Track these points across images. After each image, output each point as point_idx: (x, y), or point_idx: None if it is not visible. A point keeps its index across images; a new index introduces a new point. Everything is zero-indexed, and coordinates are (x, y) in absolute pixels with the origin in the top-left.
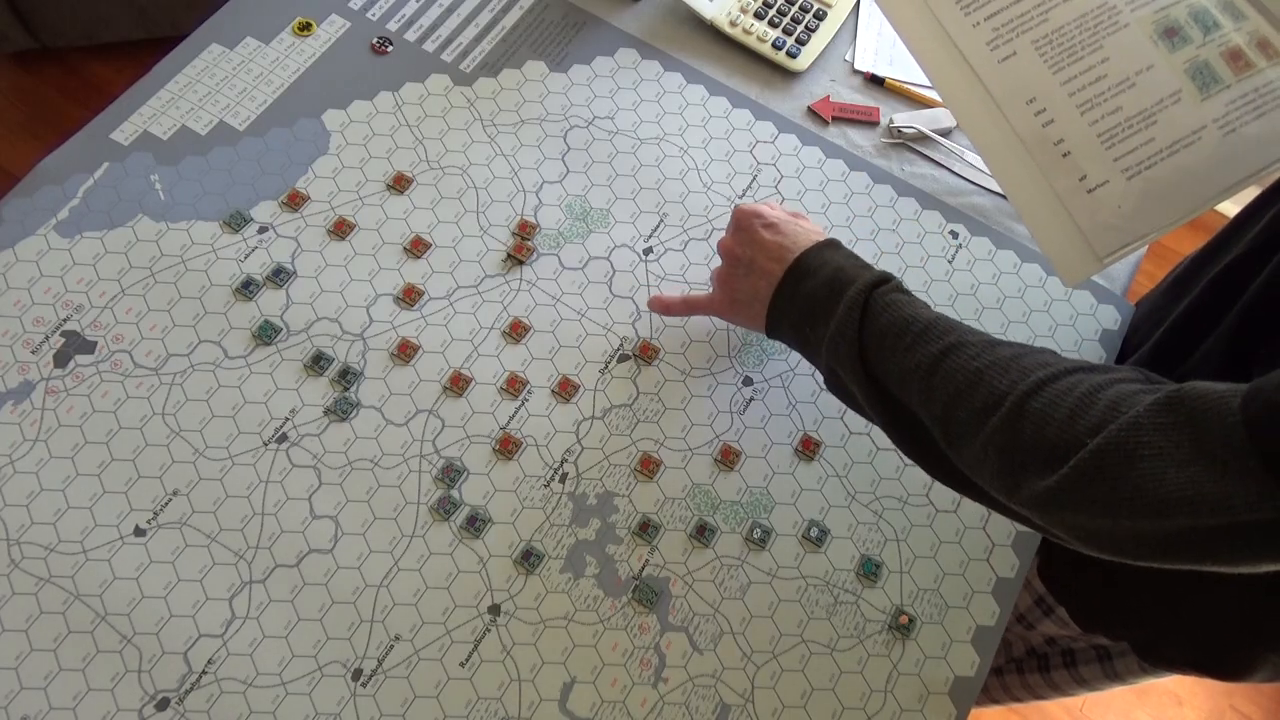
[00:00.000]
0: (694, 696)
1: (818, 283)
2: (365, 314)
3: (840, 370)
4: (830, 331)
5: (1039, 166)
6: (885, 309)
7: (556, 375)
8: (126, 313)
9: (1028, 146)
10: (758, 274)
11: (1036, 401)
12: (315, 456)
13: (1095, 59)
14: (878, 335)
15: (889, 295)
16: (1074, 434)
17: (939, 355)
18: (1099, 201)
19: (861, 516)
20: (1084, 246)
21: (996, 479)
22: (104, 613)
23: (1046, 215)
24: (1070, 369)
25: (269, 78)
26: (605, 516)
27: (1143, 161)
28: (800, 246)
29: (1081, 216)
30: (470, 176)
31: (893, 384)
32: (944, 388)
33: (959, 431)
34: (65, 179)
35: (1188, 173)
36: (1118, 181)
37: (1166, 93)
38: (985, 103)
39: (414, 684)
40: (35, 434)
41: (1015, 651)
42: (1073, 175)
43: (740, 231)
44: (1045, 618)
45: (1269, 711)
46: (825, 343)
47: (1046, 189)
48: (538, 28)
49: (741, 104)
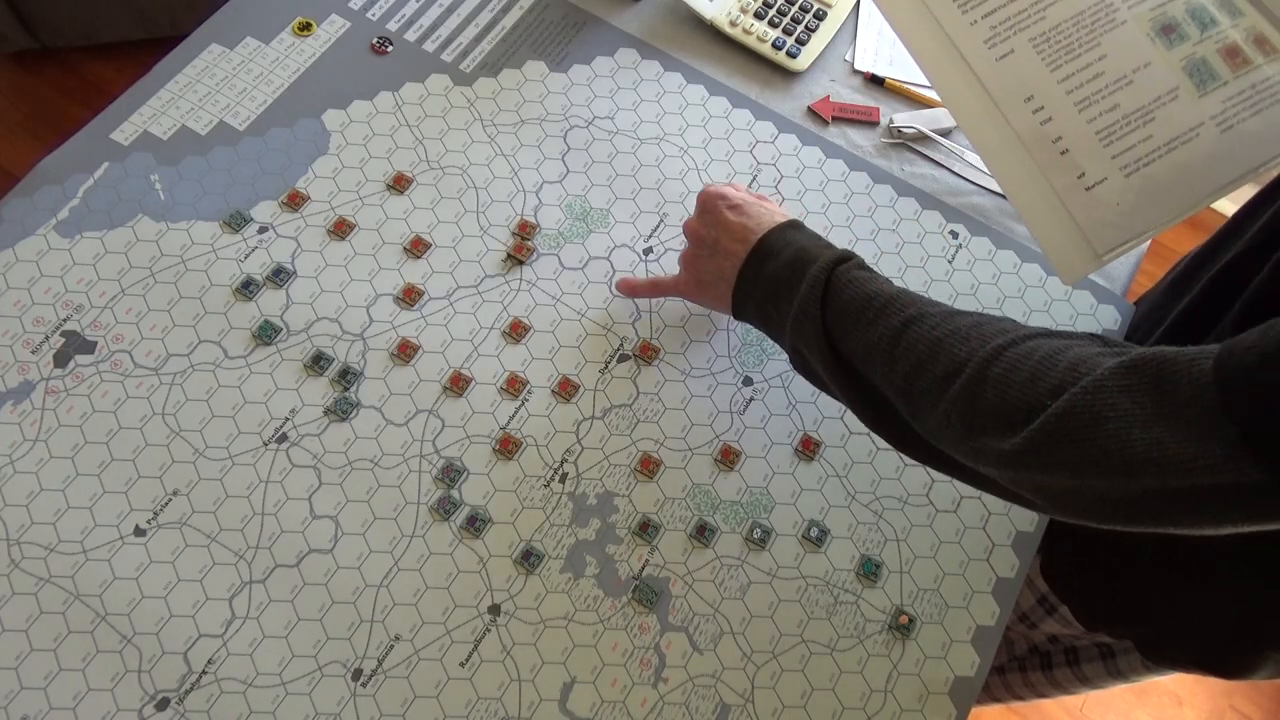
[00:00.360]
0: (694, 696)
1: (781, 263)
2: (365, 314)
3: (804, 349)
4: (794, 310)
5: (1037, 164)
6: (847, 285)
7: (556, 375)
8: (126, 313)
9: (1026, 145)
10: (722, 255)
11: (997, 367)
12: (315, 456)
13: (1093, 56)
14: (840, 311)
15: (851, 272)
16: (1035, 396)
17: (900, 327)
18: (1097, 199)
19: (861, 516)
20: (1083, 244)
21: (960, 443)
22: (104, 613)
23: (1045, 213)
24: (1030, 334)
25: (269, 78)
26: (605, 516)
27: (1141, 159)
28: (764, 227)
29: (1080, 214)
30: (470, 176)
31: (857, 359)
32: (905, 358)
33: (921, 401)
34: (65, 179)
35: (1186, 169)
36: (1116, 179)
37: (1164, 90)
38: (983, 101)
39: (414, 684)
40: (35, 434)
41: (1018, 650)
42: (1071, 173)
43: (705, 213)
44: (1048, 616)
45: (1269, 712)
46: (789, 321)
47: (1045, 187)
48: (538, 28)
49: (741, 104)
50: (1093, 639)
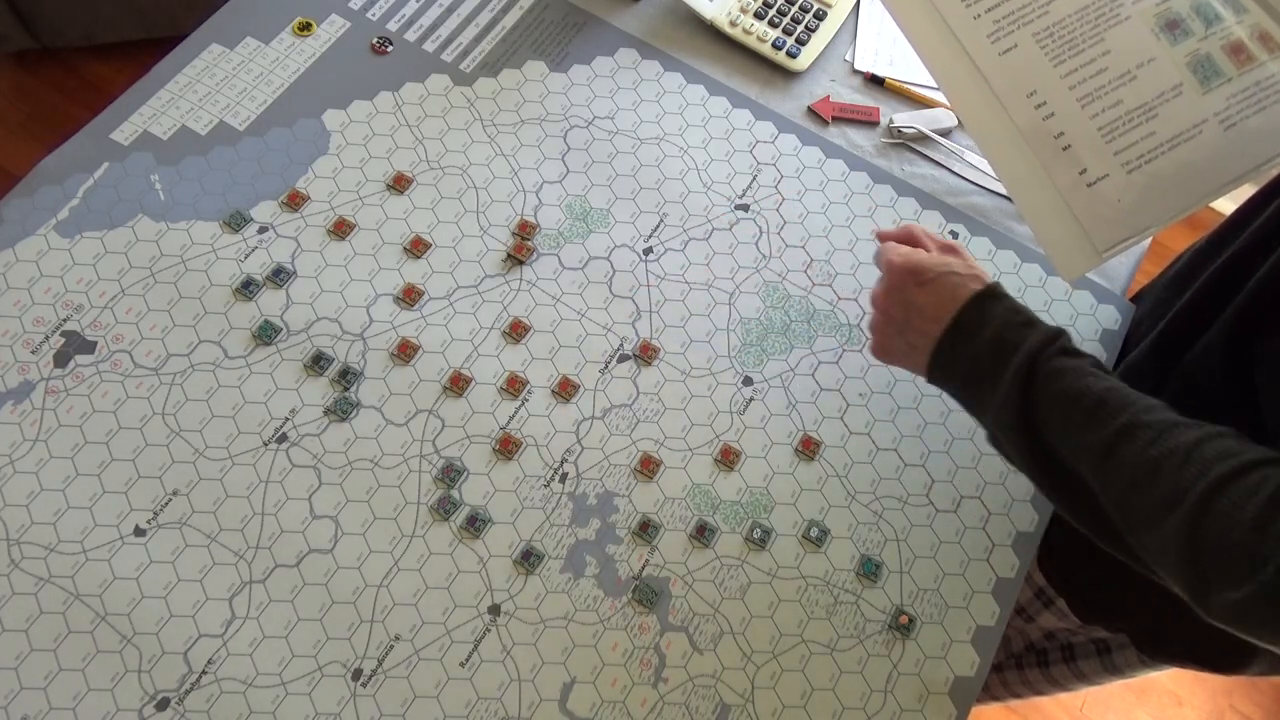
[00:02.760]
0: (694, 696)
1: (978, 347)
2: (365, 314)
3: (1006, 442)
4: (995, 403)
5: (1039, 160)
6: (1051, 379)
7: (556, 375)
8: (126, 313)
9: (1028, 139)
10: (914, 333)
11: (1219, 502)
12: (315, 456)
13: (1096, 52)
14: (1045, 408)
15: (1054, 362)
16: (1261, 545)
17: (1112, 439)
18: (1099, 195)
19: (861, 516)
20: (1084, 241)
21: (1183, 582)
22: (104, 613)
23: (1046, 209)
24: (1255, 462)
25: (269, 78)
26: (605, 516)
27: (1143, 155)
28: (958, 302)
29: (1081, 211)
30: (470, 176)
31: (1064, 456)
32: (1119, 475)
33: (1139, 521)
34: (65, 179)
35: (1188, 167)
36: (1118, 175)
37: (1168, 86)
38: (985, 96)
39: (414, 684)
40: (35, 434)
41: (1014, 647)
42: (1073, 169)
43: (893, 291)
44: (1045, 609)
45: (1269, 711)
46: (990, 412)
47: (1046, 183)
48: (538, 28)
49: (741, 104)
50: (1089, 635)
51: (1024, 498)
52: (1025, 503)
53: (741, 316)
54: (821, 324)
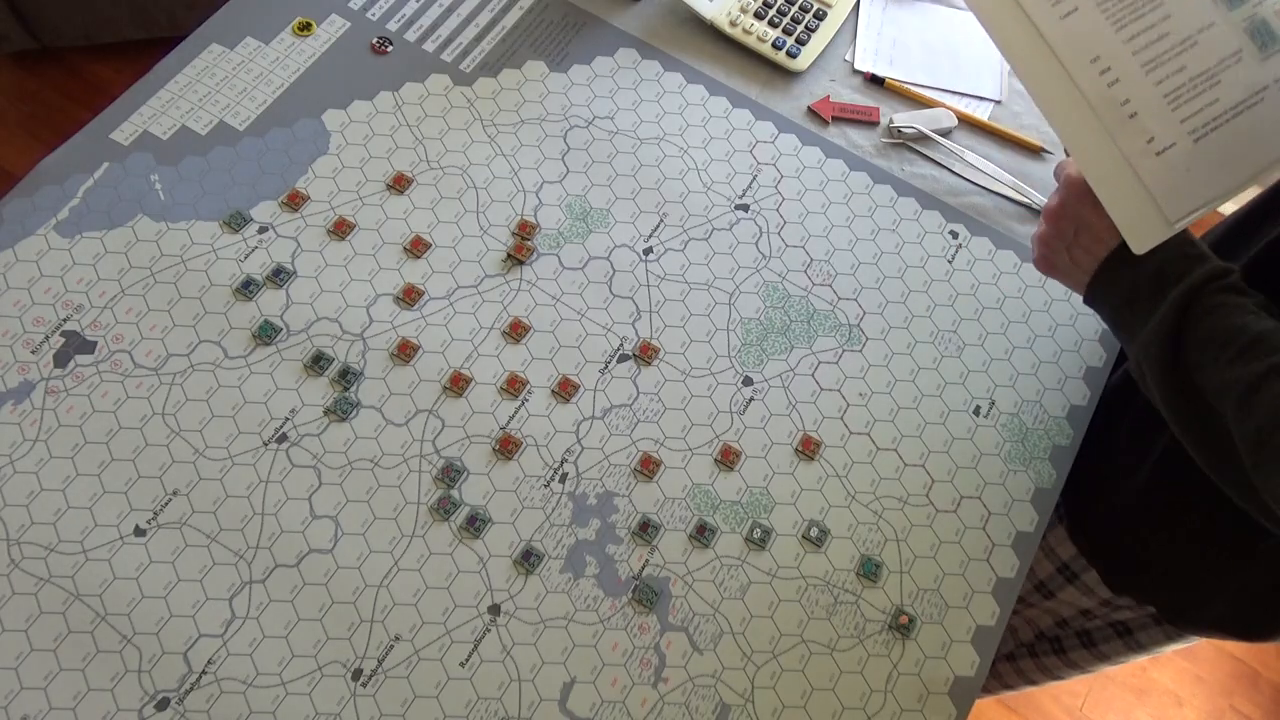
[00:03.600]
0: (694, 696)
1: (1141, 273)
2: (365, 314)
3: (1149, 370)
4: (1147, 330)
5: (1106, 129)
6: (1209, 313)
7: (556, 375)
8: (126, 313)
9: (1094, 108)
10: (1080, 251)
11: None
12: (315, 456)
13: (1157, 16)
14: (1196, 340)
15: (1216, 297)
16: None
17: (1262, 376)
18: (1168, 164)
19: (861, 516)
20: (1154, 211)
21: None
22: (104, 613)
23: (1116, 179)
24: None
25: (269, 78)
26: (605, 516)
27: (1209, 123)
28: None
29: (1150, 180)
30: (470, 176)
31: (1206, 388)
32: (1262, 413)
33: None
34: (65, 179)
35: (1254, 133)
36: (1185, 143)
37: (1228, 52)
38: (1049, 63)
39: (414, 684)
40: (35, 434)
41: (1023, 636)
42: (1140, 137)
43: (1067, 205)
44: (1068, 584)
45: (1269, 711)
46: (1139, 340)
47: (1114, 152)
48: (538, 28)
49: (741, 104)
50: (1107, 619)
51: (1024, 498)
52: (1025, 503)
53: (741, 316)
54: (821, 324)
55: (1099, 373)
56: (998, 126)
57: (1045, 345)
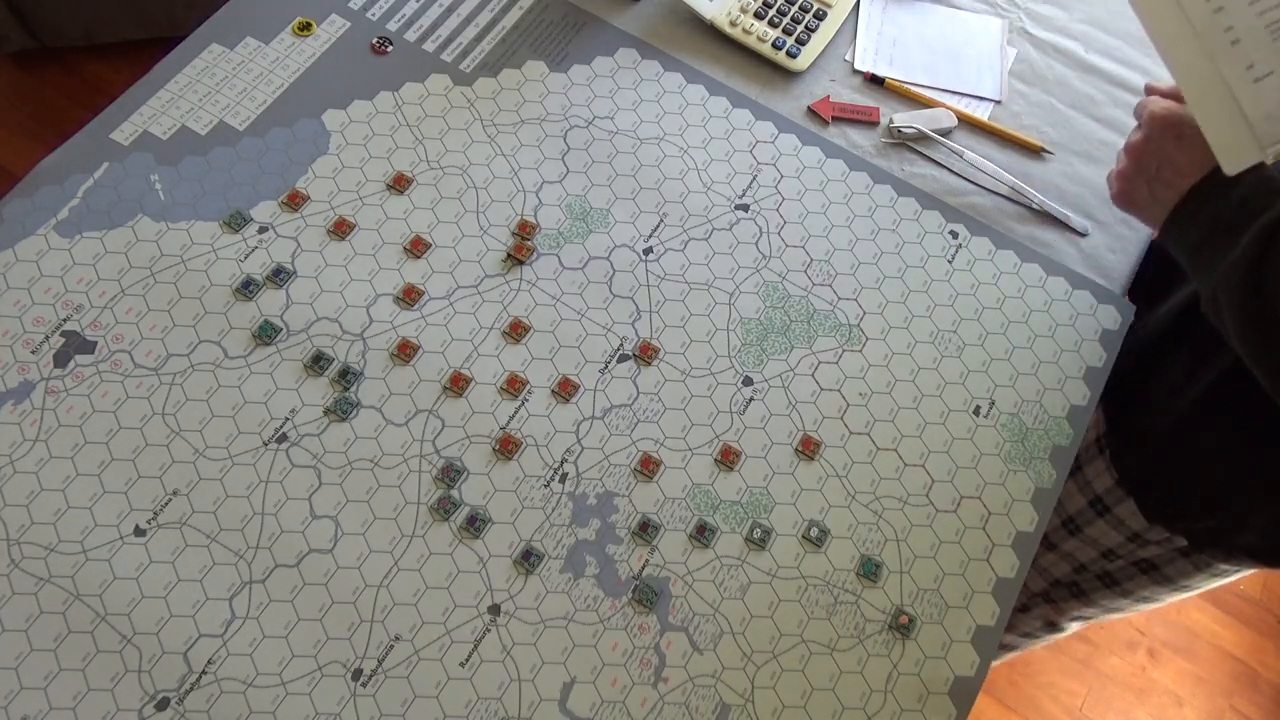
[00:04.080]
0: (694, 696)
1: (1221, 206)
2: (365, 314)
3: (1225, 302)
4: (1227, 261)
5: (1209, 53)
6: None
7: (556, 375)
8: (126, 313)
9: (1199, 32)
10: (1161, 185)
11: None
12: (315, 456)
13: None
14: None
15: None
16: None
17: None
18: (1266, 91)
19: (861, 516)
20: (1248, 135)
21: None
22: (104, 613)
23: (1214, 102)
24: None
25: (269, 78)
26: (605, 516)
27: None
28: (1211, 162)
29: (1248, 105)
30: (470, 176)
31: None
32: None
33: None
34: (65, 179)
35: None
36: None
37: None
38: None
39: (414, 684)
40: (35, 434)
41: (1034, 587)
42: (1241, 63)
43: (1150, 140)
44: (1098, 519)
45: (1269, 712)
46: (1219, 270)
47: (1215, 76)
48: (538, 28)
49: (741, 104)
50: (1131, 557)
51: (1024, 498)
52: (1025, 503)
53: (741, 316)
54: (821, 324)
55: (1099, 373)
56: (998, 126)
57: (1045, 345)
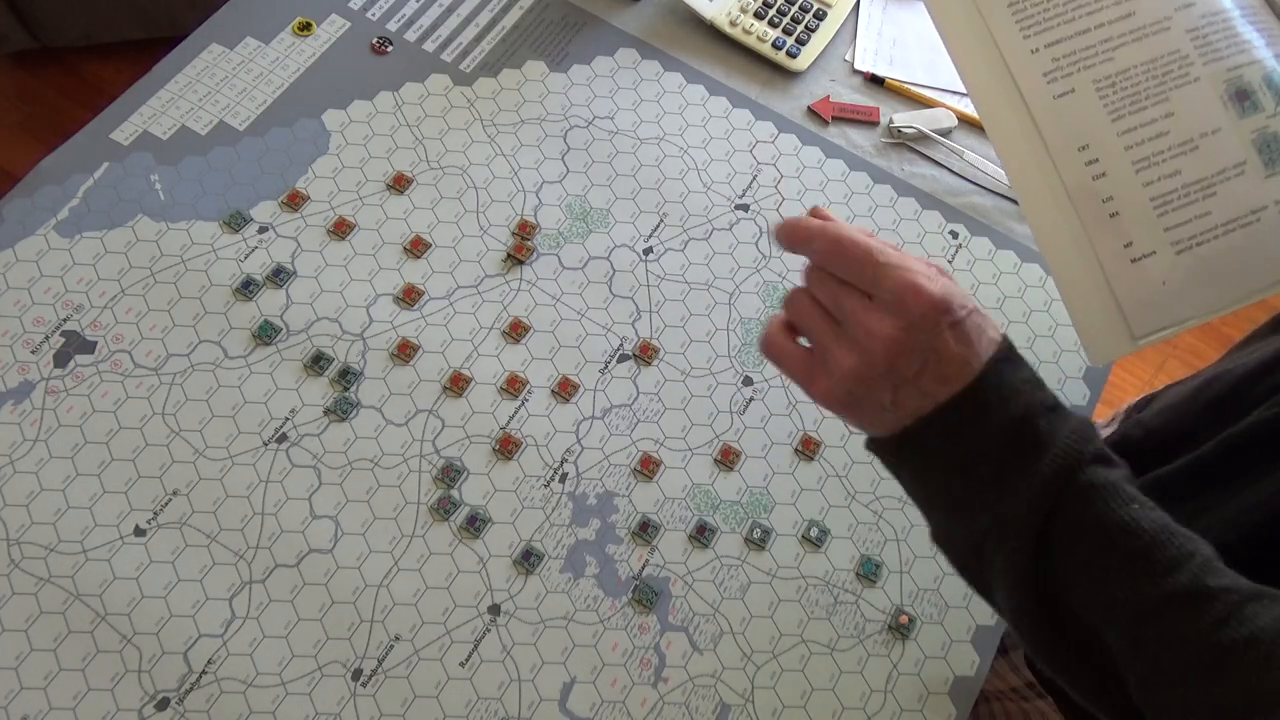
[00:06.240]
0: (694, 696)
1: (993, 432)
2: (365, 314)
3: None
4: (997, 511)
5: (1082, 223)
6: (1086, 500)
7: (556, 375)
8: (126, 313)
9: (1073, 199)
10: (913, 390)
11: None
12: (315, 456)
13: (1159, 112)
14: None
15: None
16: None
17: (1162, 603)
18: (1143, 273)
19: (861, 516)
20: (1119, 322)
21: None
22: (104, 613)
23: (1082, 280)
24: None
25: (269, 78)
26: (605, 516)
27: (1195, 236)
28: (979, 358)
29: (1121, 288)
30: (470, 176)
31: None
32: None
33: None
34: (65, 179)
35: (1242, 256)
36: (1166, 254)
37: (1230, 163)
38: (1032, 140)
39: (414, 684)
40: (35, 434)
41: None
42: (1118, 239)
43: (917, 330)
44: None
45: None
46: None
47: (1087, 250)
48: (538, 28)
49: (741, 104)
50: None
51: None
52: None
53: (741, 316)
54: None
55: (1099, 373)
56: None
57: (1045, 345)
